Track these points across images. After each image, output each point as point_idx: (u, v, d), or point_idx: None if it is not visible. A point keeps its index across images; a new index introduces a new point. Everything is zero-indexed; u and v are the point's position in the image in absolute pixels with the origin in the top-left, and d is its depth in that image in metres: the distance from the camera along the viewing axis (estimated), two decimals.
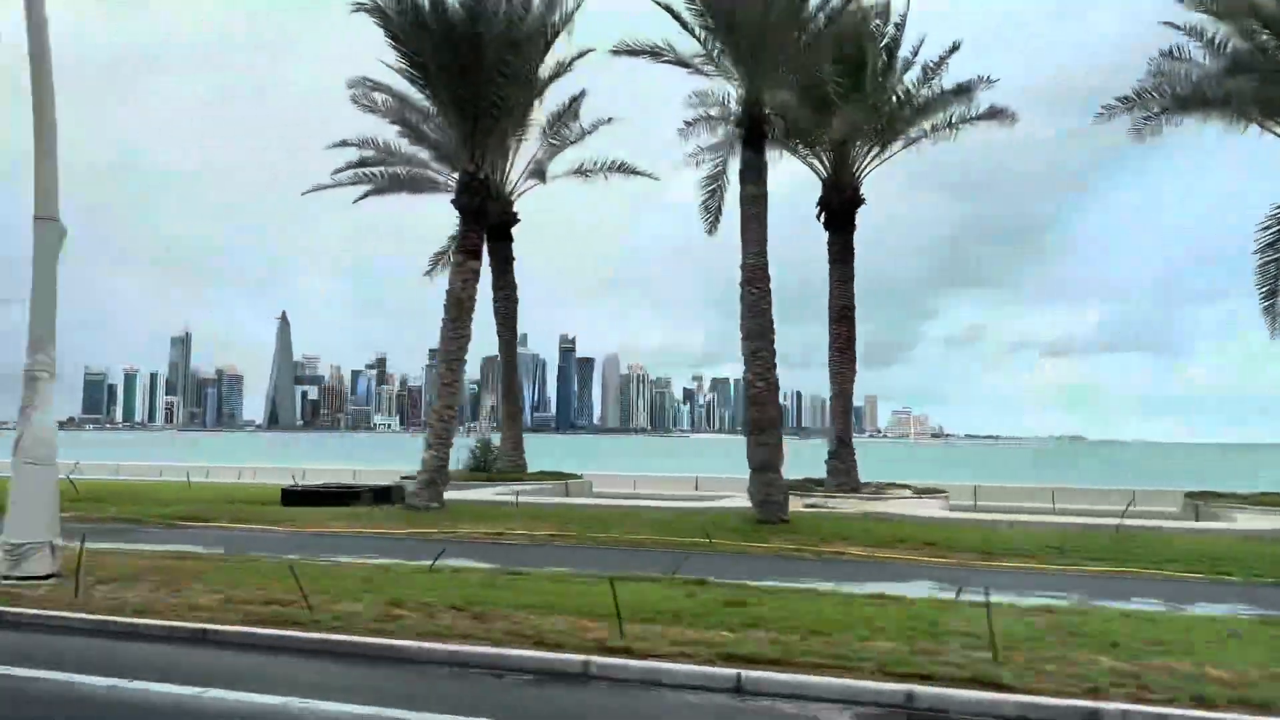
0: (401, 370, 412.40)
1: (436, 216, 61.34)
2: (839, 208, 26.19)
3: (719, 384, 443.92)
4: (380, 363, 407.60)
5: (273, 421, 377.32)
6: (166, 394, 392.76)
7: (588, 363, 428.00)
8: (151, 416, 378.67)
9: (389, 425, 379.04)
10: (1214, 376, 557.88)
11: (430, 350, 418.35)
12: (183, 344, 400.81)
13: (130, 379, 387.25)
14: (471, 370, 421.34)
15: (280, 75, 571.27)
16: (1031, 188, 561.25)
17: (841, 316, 26.19)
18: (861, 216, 26.30)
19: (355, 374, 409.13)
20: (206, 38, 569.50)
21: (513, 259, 31.74)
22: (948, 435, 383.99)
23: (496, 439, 33.04)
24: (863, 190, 26.35)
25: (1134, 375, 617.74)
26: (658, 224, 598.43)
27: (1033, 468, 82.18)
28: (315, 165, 31.07)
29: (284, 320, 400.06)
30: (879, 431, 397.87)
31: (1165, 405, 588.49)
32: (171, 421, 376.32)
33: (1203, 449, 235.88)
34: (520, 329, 33.23)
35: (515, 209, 31.44)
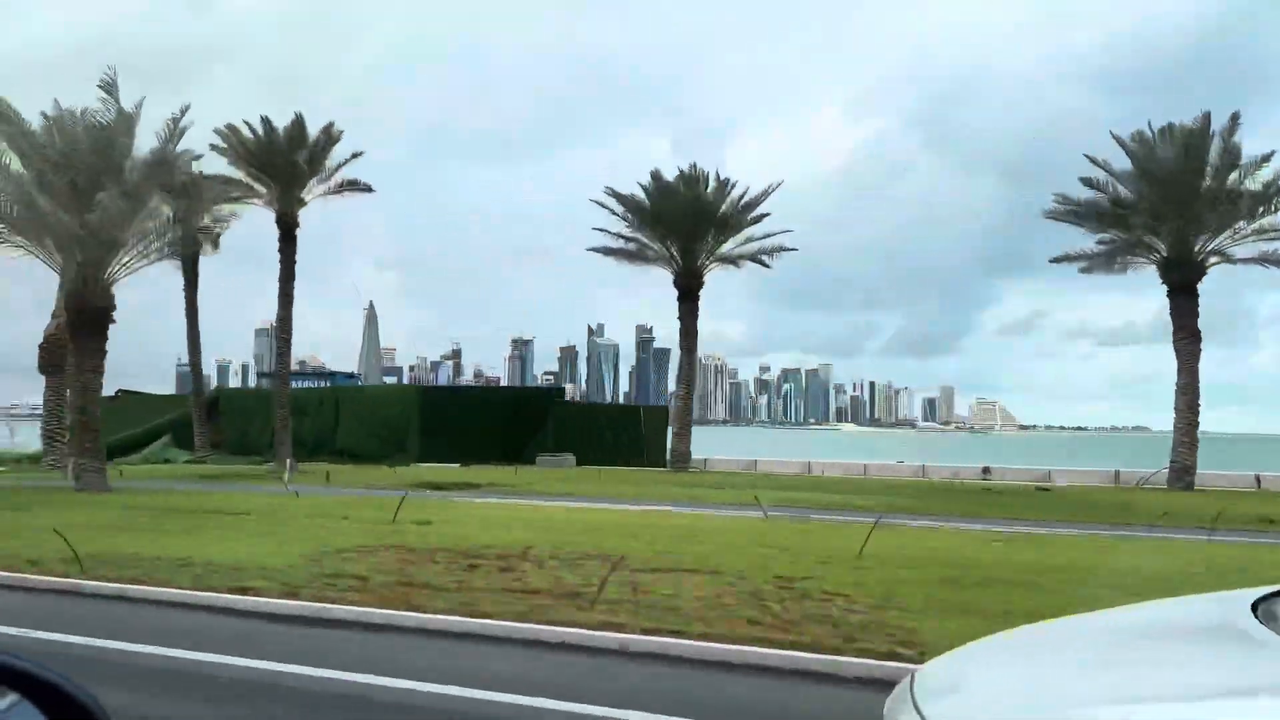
0: (474, 360, 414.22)
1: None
2: None
3: (790, 374, 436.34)
4: (455, 354, 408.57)
5: None
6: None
7: (664, 353, 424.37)
8: None
9: None
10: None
11: (514, 341, 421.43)
12: (268, 336, 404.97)
13: (223, 370, 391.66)
14: (548, 360, 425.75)
15: (337, 60, 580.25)
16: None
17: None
18: (913, 199, 27.28)
19: (435, 365, 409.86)
20: (267, 24, 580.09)
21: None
22: (1033, 426, 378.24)
23: None
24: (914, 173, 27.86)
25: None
26: None
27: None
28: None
29: (371, 311, 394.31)
30: (964, 423, 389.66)
31: (1227, 395, 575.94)
32: None
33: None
34: (597, 319, 35.97)
35: None
